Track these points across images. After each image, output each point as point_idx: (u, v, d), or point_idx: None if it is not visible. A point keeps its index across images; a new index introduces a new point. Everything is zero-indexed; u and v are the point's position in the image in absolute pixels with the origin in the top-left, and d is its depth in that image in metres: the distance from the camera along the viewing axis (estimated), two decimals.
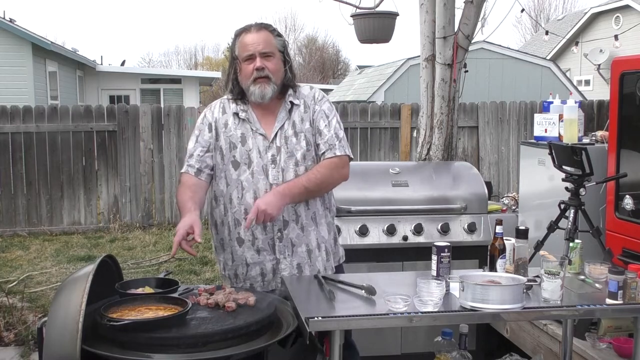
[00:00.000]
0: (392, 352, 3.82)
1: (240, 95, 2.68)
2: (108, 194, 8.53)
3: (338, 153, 2.65)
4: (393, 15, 5.41)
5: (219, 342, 2.08)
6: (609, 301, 2.30)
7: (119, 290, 2.41)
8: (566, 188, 3.42)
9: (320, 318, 2.11)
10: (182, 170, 2.72)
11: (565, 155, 3.44)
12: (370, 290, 2.36)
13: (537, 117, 4.25)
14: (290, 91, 2.70)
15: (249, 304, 2.30)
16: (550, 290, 2.27)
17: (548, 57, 18.10)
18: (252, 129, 2.65)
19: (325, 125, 2.68)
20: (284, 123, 2.65)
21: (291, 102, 2.68)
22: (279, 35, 2.70)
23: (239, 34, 2.66)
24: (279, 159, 2.61)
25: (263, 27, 2.65)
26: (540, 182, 4.17)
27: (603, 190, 3.74)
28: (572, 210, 3.33)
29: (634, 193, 3.55)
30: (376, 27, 5.35)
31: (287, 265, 2.65)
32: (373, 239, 3.74)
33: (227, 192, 2.64)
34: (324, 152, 2.66)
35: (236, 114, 2.67)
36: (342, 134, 2.71)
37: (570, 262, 2.64)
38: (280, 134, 2.64)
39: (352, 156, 2.74)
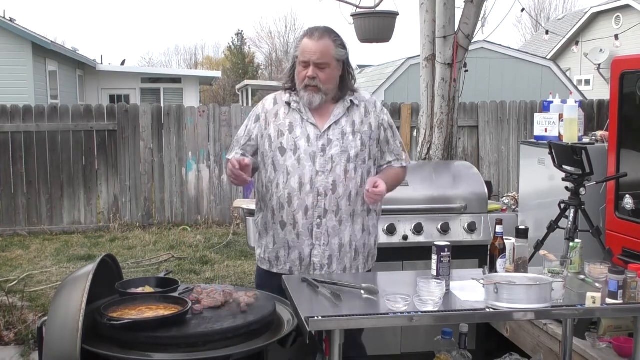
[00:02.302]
0: (392, 352, 3.82)
1: (294, 88, 2.78)
2: (108, 193, 8.54)
3: (404, 164, 2.90)
4: (393, 15, 5.40)
5: (219, 342, 2.08)
6: (609, 301, 2.30)
7: (119, 289, 2.41)
8: (566, 188, 3.42)
9: (320, 318, 2.11)
10: (229, 157, 2.81)
11: (565, 154, 3.44)
12: (371, 290, 2.36)
13: (537, 116, 4.25)
14: (350, 92, 2.79)
15: (249, 304, 2.30)
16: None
17: (548, 57, 18.09)
18: (302, 119, 2.74)
19: (391, 135, 2.87)
20: (340, 118, 2.74)
21: (351, 101, 2.77)
22: (342, 45, 2.73)
23: (304, 35, 2.74)
24: (329, 150, 2.70)
25: (326, 35, 2.70)
26: (540, 182, 4.17)
27: (603, 190, 3.74)
28: (572, 210, 3.33)
29: (634, 193, 3.55)
30: (376, 26, 5.35)
31: (319, 253, 2.72)
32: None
33: (275, 177, 2.73)
34: (390, 161, 2.86)
35: (288, 104, 2.77)
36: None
37: (570, 262, 2.64)
38: (335, 128, 2.73)
39: None
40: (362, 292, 2.37)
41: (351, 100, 2.78)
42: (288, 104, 2.77)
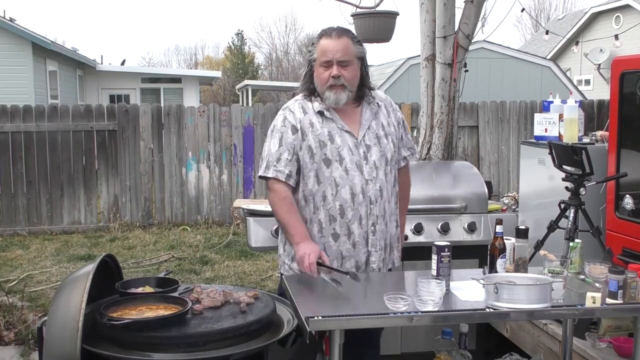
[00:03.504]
0: (392, 352, 3.82)
1: (315, 94, 2.73)
2: (108, 193, 8.54)
3: (417, 157, 3.00)
4: (393, 15, 5.40)
5: (219, 342, 2.08)
6: (609, 301, 2.30)
7: (119, 289, 2.41)
8: (566, 188, 3.42)
9: (320, 317, 2.11)
10: (270, 175, 2.67)
11: (565, 154, 3.44)
12: (355, 276, 2.42)
13: (537, 116, 4.25)
14: (369, 93, 2.78)
15: (249, 303, 2.30)
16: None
17: (548, 57, 18.08)
18: (337, 127, 2.70)
19: (403, 130, 2.92)
20: (370, 123, 2.75)
21: (377, 104, 2.79)
22: (359, 42, 2.73)
23: (320, 36, 2.69)
24: (370, 156, 2.70)
25: (344, 33, 2.68)
26: (541, 182, 4.17)
27: (603, 189, 3.73)
28: (572, 210, 3.33)
29: (634, 193, 3.54)
30: (376, 26, 5.34)
31: (376, 259, 2.73)
32: None
33: (320, 189, 2.68)
34: (405, 156, 2.92)
35: (320, 112, 2.71)
36: None
37: (570, 262, 2.64)
38: (369, 133, 2.73)
39: None
40: (348, 276, 2.43)
41: (377, 103, 2.79)
42: (321, 112, 2.70)
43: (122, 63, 21.38)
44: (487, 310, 2.21)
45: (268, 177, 2.68)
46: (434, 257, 2.47)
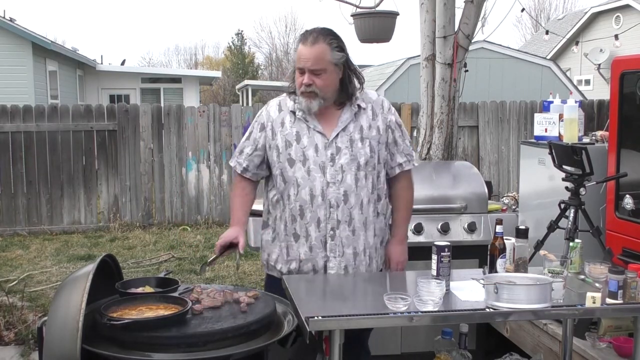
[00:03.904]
0: (392, 352, 3.82)
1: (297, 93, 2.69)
2: (108, 193, 8.54)
3: (416, 164, 2.85)
4: (393, 15, 5.40)
5: (219, 342, 2.08)
6: (609, 301, 2.30)
7: (119, 289, 2.41)
8: (566, 188, 3.42)
9: (320, 317, 2.11)
10: (231, 164, 2.85)
11: (565, 154, 3.44)
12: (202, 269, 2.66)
13: (537, 116, 4.25)
14: (357, 95, 2.70)
15: (249, 303, 2.30)
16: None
17: (548, 57, 18.08)
18: (308, 127, 2.67)
19: (400, 135, 2.79)
20: (347, 125, 2.67)
21: (358, 106, 2.70)
22: (339, 47, 2.61)
23: (299, 40, 2.64)
24: (338, 159, 2.64)
25: (321, 38, 2.58)
26: (541, 182, 4.17)
27: (603, 190, 3.73)
28: (572, 210, 3.33)
29: (634, 193, 3.54)
30: (376, 26, 5.35)
31: (335, 265, 2.67)
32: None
33: (285, 188, 2.69)
34: (401, 163, 2.79)
35: (293, 112, 2.70)
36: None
37: (570, 262, 2.64)
38: (343, 135, 2.66)
39: None
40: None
41: (358, 105, 2.70)
42: (293, 112, 2.70)
43: (122, 63, 21.39)
44: (487, 310, 2.21)
45: (233, 167, 2.84)
46: (434, 257, 2.47)
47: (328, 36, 2.60)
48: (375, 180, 2.71)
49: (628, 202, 3.54)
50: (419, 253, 3.58)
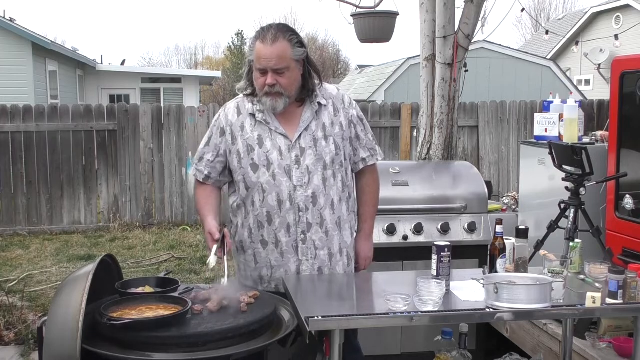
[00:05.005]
0: (392, 352, 3.82)
1: (255, 95, 2.59)
2: (108, 193, 8.54)
3: (379, 158, 2.77)
4: (393, 15, 5.41)
5: (219, 342, 2.08)
6: (609, 301, 2.30)
7: (119, 289, 2.41)
8: (566, 188, 3.42)
9: (320, 317, 2.11)
10: (191, 172, 2.74)
11: (565, 154, 3.44)
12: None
13: (537, 116, 4.25)
14: (317, 91, 2.61)
15: (249, 303, 2.30)
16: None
17: (548, 57, 18.09)
18: (270, 129, 2.57)
19: (362, 129, 2.71)
20: (309, 124, 2.59)
21: (319, 103, 2.61)
22: (299, 43, 2.51)
23: (255, 38, 2.51)
24: (303, 160, 2.56)
25: (280, 35, 2.46)
26: (541, 182, 4.17)
27: (603, 189, 3.73)
28: (572, 210, 3.33)
29: (634, 193, 3.55)
30: (376, 26, 5.35)
31: (308, 267, 2.60)
32: (373, 238, 3.74)
33: (249, 195, 2.61)
34: (364, 158, 2.72)
35: (252, 115, 2.60)
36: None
37: (570, 262, 2.64)
38: (306, 135, 2.57)
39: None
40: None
41: (319, 102, 2.60)
42: (253, 115, 2.59)
43: (122, 63, 21.37)
44: (487, 310, 2.21)
45: (194, 175, 2.74)
46: (434, 257, 2.47)
47: (287, 32, 2.50)
48: (345, 177, 2.65)
49: (628, 202, 3.54)
50: (419, 253, 3.59)
